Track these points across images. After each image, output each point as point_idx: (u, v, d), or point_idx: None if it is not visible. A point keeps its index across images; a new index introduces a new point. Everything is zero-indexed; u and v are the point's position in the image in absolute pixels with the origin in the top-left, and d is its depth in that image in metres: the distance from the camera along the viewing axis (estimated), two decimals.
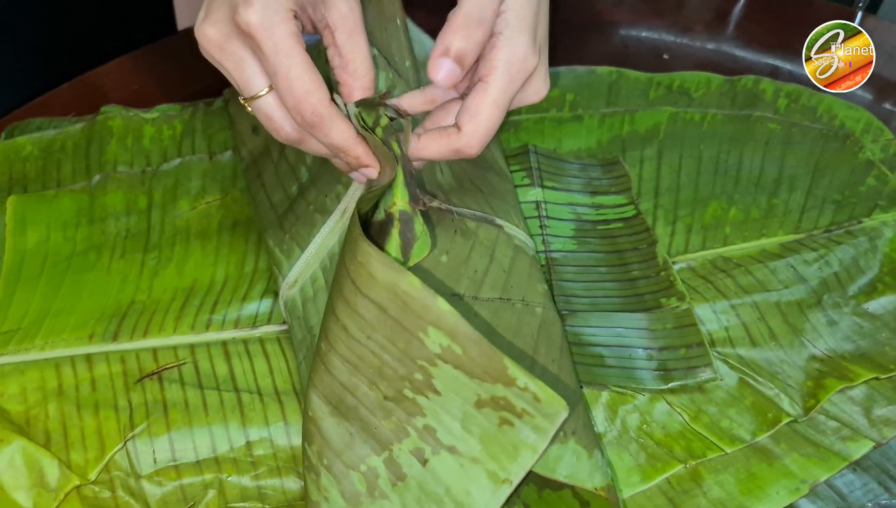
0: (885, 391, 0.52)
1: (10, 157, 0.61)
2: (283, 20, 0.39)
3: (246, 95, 0.42)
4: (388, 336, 0.38)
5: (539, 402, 0.37)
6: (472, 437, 0.39)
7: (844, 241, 0.59)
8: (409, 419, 0.40)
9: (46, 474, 0.45)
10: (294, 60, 0.39)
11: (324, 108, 0.41)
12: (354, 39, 0.42)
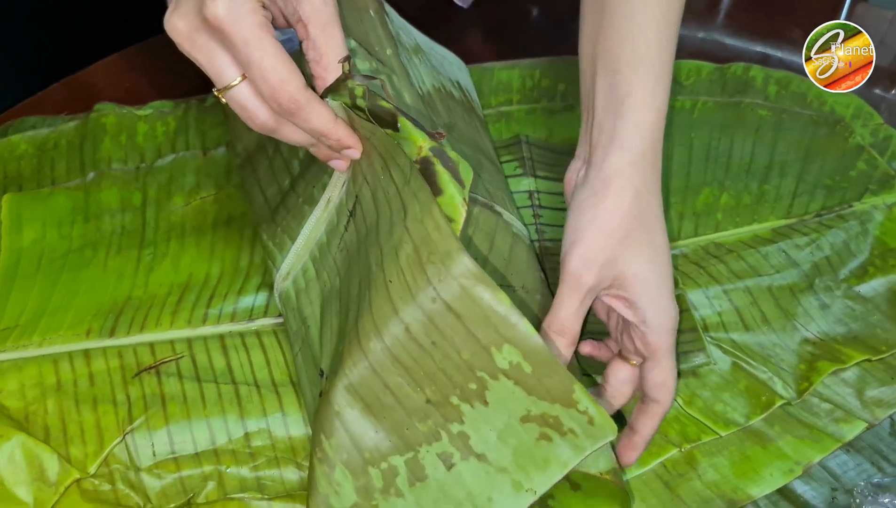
0: (877, 373, 0.52)
1: (5, 155, 0.61)
2: (251, 11, 0.39)
3: (219, 85, 0.41)
4: (456, 344, 0.38)
5: (592, 425, 0.38)
6: (505, 447, 0.40)
7: (835, 225, 0.59)
8: (446, 424, 0.40)
9: (46, 468, 0.45)
10: (265, 51, 0.39)
11: (300, 94, 0.40)
12: (328, 33, 0.42)
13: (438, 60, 0.60)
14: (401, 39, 0.55)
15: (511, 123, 0.66)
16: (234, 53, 0.40)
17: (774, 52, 0.74)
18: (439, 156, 0.41)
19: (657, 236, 0.45)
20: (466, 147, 0.54)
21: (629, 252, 0.44)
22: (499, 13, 0.76)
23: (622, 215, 0.44)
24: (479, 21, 0.76)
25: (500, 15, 0.76)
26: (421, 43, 0.58)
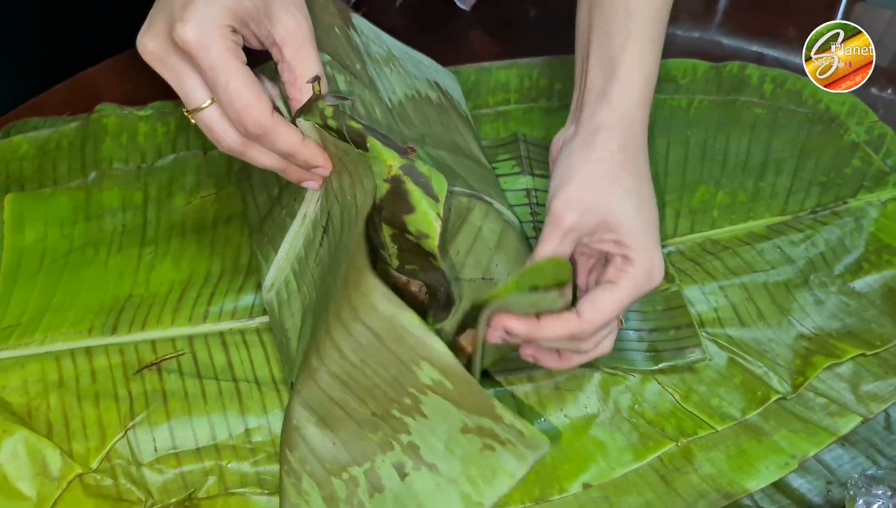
0: (871, 368, 0.53)
1: (7, 156, 0.62)
2: (220, 37, 0.39)
3: (188, 107, 0.42)
4: (382, 363, 0.39)
5: (523, 437, 0.39)
6: (453, 458, 0.41)
7: (830, 222, 0.60)
8: (395, 434, 0.41)
9: (49, 463, 0.46)
10: (232, 74, 0.39)
11: (265, 118, 0.41)
12: (303, 54, 0.43)
13: (414, 64, 0.60)
14: (370, 52, 0.55)
15: (509, 122, 0.66)
16: (202, 76, 0.40)
17: (770, 51, 0.74)
18: (409, 173, 0.41)
19: (643, 186, 0.46)
20: (444, 151, 0.55)
21: (615, 199, 0.44)
22: (498, 14, 0.77)
23: (608, 162, 0.45)
24: (479, 22, 0.76)
25: (500, 15, 0.77)
26: (394, 49, 0.58)
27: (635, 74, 0.47)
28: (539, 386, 0.51)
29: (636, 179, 0.45)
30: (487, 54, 0.71)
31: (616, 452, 0.48)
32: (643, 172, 0.46)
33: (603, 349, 0.46)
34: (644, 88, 0.47)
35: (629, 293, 0.43)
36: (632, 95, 0.46)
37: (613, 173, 0.45)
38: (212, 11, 0.39)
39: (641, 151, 0.47)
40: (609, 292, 0.43)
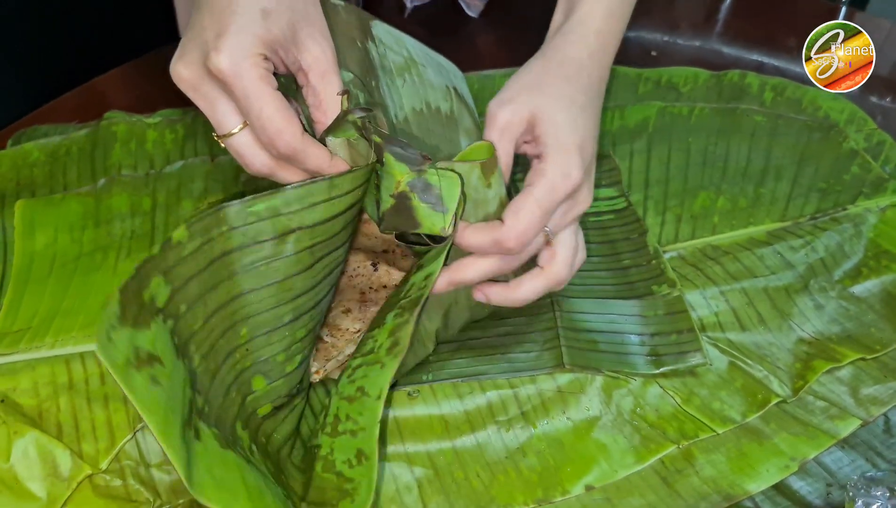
0: (871, 371, 0.53)
1: (18, 163, 0.63)
2: (253, 65, 0.41)
3: (220, 132, 0.43)
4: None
5: None
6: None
7: (830, 227, 0.61)
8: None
9: (59, 464, 0.46)
10: (264, 101, 0.41)
11: (297, 141, 0.42)
12: (327, 80, 0.44)
13: (435, 69, 0.61)
14: (384, 64, 0.55)
15: None
16: (235, 102, 0.42)
17: (770, 59, 0.75)
18: (417, 189, 0.42)
19: (580, 98, 0.46)
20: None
21: (543, 97, 0.45)
22: (506, 21, 0.78)
23: (544, 70, 0.47)
24: (488, 28, 0.77)
25: (508, 22, 0.78)
26: (415, 54, 0.59)
27: (597, 9, 0.49)
28: (542, 389, 0.51)
29: (573, 89, 0.46)
30: (495, 61, 0.72)
31: (618, 454, 0.49)
32: (587, 91, 0.47)
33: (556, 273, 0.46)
34: (602, 21, 0.49)
35: (545, 193, 0.44)
36: (585, 25, 0.48)
37: (548, 79, 0.46)
38: (244, 40, 0.40)
39: (588, 74, 0.48)
40: (525, 194, 0.44)
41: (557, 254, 0.46)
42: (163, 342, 0.40)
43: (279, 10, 0.42)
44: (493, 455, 0.49)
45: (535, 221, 0.43)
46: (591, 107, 0.47)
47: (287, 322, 0.46)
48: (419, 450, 0.49)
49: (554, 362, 0.52)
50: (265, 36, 0.41)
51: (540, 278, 0.47)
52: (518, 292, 0.47)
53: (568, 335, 0.53)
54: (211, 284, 0.42)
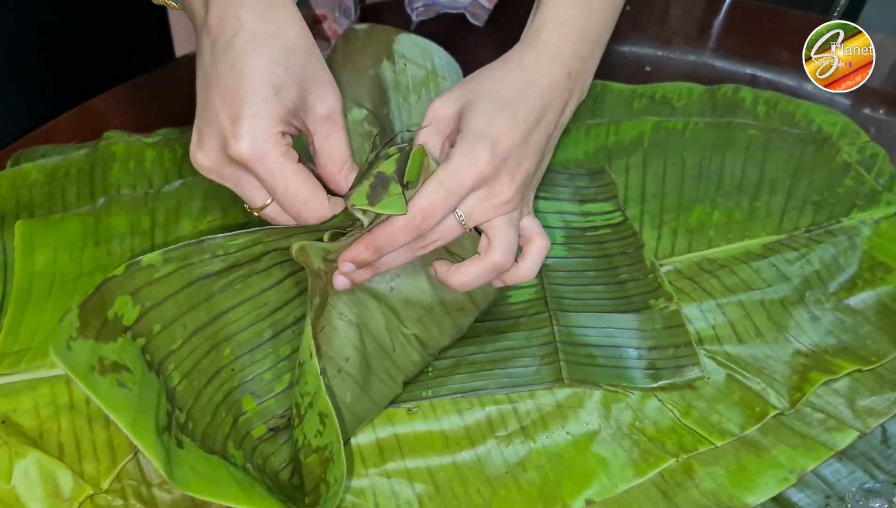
0: (867, 383, 0.53)
1: (17, 183, 0.63)
2: (273, 145, 0.41)
3: (251, 207, 0.45)
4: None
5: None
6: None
7: (824, 240, 0.61)
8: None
9: (60, 484, 0.46)
10: (289, 179, 0.42)
11: (324, 209, 0.44)
12: (332, 140, 0.45)
13: (454, 83, 0.60)
14: (399, 81, 0.56)
15: None
16: (260, 182, 0.43)
17: (763, 73, 0.76)
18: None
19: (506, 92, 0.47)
20: None
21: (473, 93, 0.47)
22: (511, 30, 0.78)
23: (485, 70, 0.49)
24: (493, 38, 0.77)
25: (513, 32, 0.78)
26: (439, 66, 0.59)
27: (549, 19, 0.50)
28: (541, 403, 0.52)
29: (501, 86, 0.47)
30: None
31: (618, 468, 0.49)
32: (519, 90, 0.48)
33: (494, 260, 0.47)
34: (550, 32, 0.50)
35: (447, 174, 0.44)
36: (534, 34, 0.50)
37: (482, 77, 0.48)
38: (261, 123, 0.41)
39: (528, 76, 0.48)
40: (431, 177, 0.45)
41: (492, 241, 0.47)
42: (131, 355, 0.40)
43: (289, 82, 0.42)
44: (493, 470, 0.49)
45: (438, 199, 0.44)
46: (520, 105, 0.47)
47: (268, 339, 0.47)
48: (419, 466, 0.49)
49: (553, 376, 0.52)
50: (280, 112, 0.42)
51: (476, 264, 0.48)
52: (456, 275, 0.48)
53: (566, 350, 0.53)
54: (189, 305, 0.43)
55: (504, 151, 0.45)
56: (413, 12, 0.76)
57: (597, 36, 0.52)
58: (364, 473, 0.48)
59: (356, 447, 0.49)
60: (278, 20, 0.43)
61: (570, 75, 0.50)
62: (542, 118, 0.48)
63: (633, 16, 0.81)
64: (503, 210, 0.47)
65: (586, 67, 0.52)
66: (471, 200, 0.46)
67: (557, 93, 0.49)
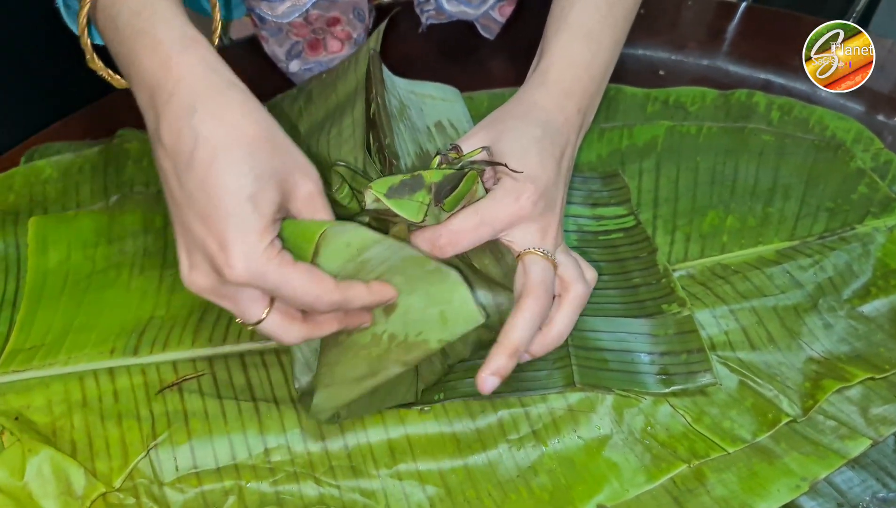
0: (880, 391, 0.53)
1: (31, 180, 0.63)
2: (268, 259, 0.40)
3: (248, 323, 0.43)
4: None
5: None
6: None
7: (838, 247, 0.61)
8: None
9: (73, 482, 0.46)
10: (293, 284, 0.40)
11: (335, 295, 0.41)
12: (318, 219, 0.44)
13: (417, 110, 0.59)
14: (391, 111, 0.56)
15: None
16: (263, 290, 0.41)
17: (776, 78, 0.75)
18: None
19: (532, 129, 0.49)
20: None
21: (500, 132, 0.48)
22: (521, 42, 0.78)
23: (503, 110, 0.51)
24: (502, 51, 0.77)
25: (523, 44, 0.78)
26: (404, 97, 0.58)
27: (558, 58, 0.52)
28: (553, 408, 0.51)
29: (525, 123, 0.49)
30: (511, 81, 0.72)
31: (629, 473, 0.49)
32: (544, 126, 0.49)
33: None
34: (561, 71, 0.51)
35: (487, 206, 0.46)
36: (545, 74, 0.51)
37: (504, 117, 0.50)
38: (250, 244, 0.39)
39: (546, 114, 0.50)
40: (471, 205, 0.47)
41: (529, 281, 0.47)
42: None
43: (263, 187, 0.40)
44: (504, 474, 0.49)
45: (470, 225, 0.45)
46: (547, 140, 0.49)
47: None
48: (431, 468, 0.49)
49: (565, 381, 0.52)
50: (264, 225, 0.40)
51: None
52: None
53: (579, 354, 0.53)
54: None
55: (542, 188, 0.47)
56: (423, 14, 0.76)
57: (603, 72, 0.53)
58: (375, 474, 0.48)
59: (367, 445, 0.49)
60: (232, 116, 0.41)
61: (580, 111, 0.52)
62: (564, 153, 0.50)
63: (646, 20, 0.81)
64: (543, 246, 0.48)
65: (593, 102, 0.54)
66: (514, 235, 0.47)
67: (572, 129, 0.51)
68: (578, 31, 0.52)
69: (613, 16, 0.54)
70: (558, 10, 0.54)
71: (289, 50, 0.71)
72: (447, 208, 0.45)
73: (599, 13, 0.53)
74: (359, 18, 0.71)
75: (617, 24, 0.54)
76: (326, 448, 0.49)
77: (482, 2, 0.73)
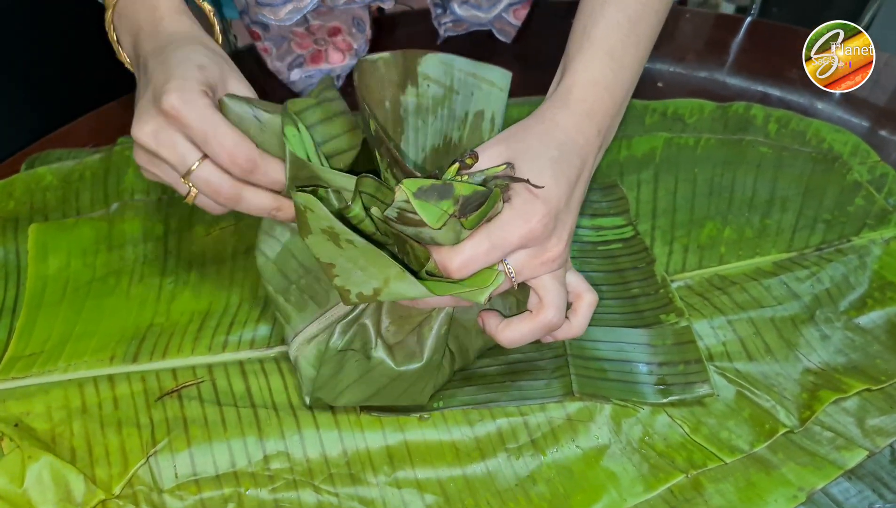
0: (877, 402, 0.54)
1: (31, 187, 0.63)
2: (200, 95, 0.46)
3: (182, 170, 0.47)
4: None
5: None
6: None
7: (835, 259, 0.61)
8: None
9: (73, 489, 0.46)
10: (217, 124, 0.45)
11: (255, 153, 0.46)
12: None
13: (466, 95, 0.58)
14: (421, 104, 0.54)
15: None
16: (192, 135, 0.46)
17: (774, 91, 0.76)
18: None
19: (549, 150, 0.48)
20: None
21: (517, 150, 0.48)
22: (538, 47, 0.79)
23: (521, 127, 0.50)
24: (518, 57, 0.78)
25: (540, 49, 0.78)
26: (456, 81, 0.57)
27: (580, 77, 0.51)
28: (551, 417, 0.52)
29: (542, 143, 0.49)
30: (527, 86, 0.72)
31: (627, 483, 0.49)
32: (561, 146, 0.49)
33: (543, 318, 0.48)
34: (582, 90, 0.51)
35: (497, 228, 0.46)
36: (566, 93, 0.51)
37: (522, 134, 0.49)
38: (188, 81, 0.46)
39: (565, 133, 0.50)
40: (481, 228, 0.46)
41: (543, 299, 0.48)
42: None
43: (211, 65, 0.48)
44: (503, 483, 0.49)
45: (480, 250, 0.45)
46: (564, 162, 0.48)
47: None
48: (429, 476, 0.49)
49: (563, 390, 0.52)
50: (204, 80, 0.47)
51: (528, 321, 0.48)
52: (506, 331, 0.49)
53: (577, 364, 0.54)
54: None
55: (553, 210, 0.47)
56: (441, 27, 0.76)
57: (624, 92, 0.53)
58: (374, 482, 0.48)
59: (366, 452, 0.50)
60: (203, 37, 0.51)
61: (600, 133, 0.51)
62: (580, 176, 0.49)
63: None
64: (551, 267, 0.48)
65: (613, 123, 0.53)
66: (521, 256, 0.47)
67: (591, 151, 0.50)
68: (600, 49, 0.52)
69: (636, 34, 0.53)
70: (580, 26, 0.53)
71: (290, 63, 0.71)
72: (467, 226, 0.45)
73: (622, 31, 0.53)
74: (359, 29, 0.72)
75: (640, 43, 0.54)
76: (325, 455, 0.49)
77: (493, 5, 0.73)
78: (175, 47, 0.49)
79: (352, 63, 0.73)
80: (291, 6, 0.65)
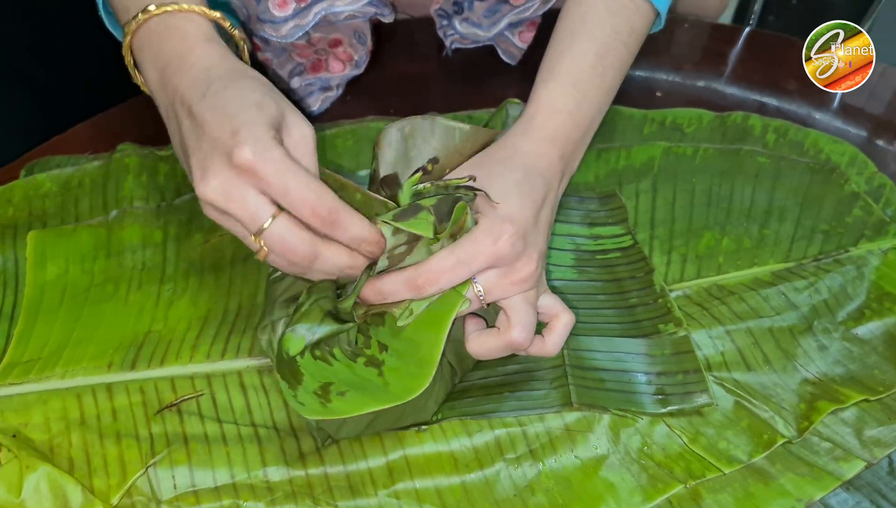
0: (875, 413, 0.54)
1: (30, 193, 0.63)
2: (274, 146, 0.43)
3: (255, 228, 0.44)
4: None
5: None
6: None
7: (833, 269, 0.61)
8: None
9: (70, 499, 0.46)
10: (298, 173, 0.43)
11: (338, 203, 0.44)
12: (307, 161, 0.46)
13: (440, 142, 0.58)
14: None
15: None
16: (268, 189, 0.43)
17: (771, 100, 0.76)
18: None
19: (513, 174, 0.50)
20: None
21: (482, 175, 0.49)
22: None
23: (485, 153, 0.52)
24: (522, 78, 0.77)
25: None
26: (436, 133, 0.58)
27: (542, 105, 0.53)
28: (550, 427, 0.52)
29: (505, 167, 0.50)
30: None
31: (626, 493, 0.49)
32: (525, 170, 0.51)
33: (511, 337, 0.48)
34: (544, 118, 0.53)
35: (464, 246, 0.46)
36: (528, 120, 0.53)
37: (486, 160, 0.51)
38: (258, 129, 0.43)
39: (528, 158, 0.51)
40: (449, 246, 0.47)
41: (511, 319, 0.49)
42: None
43: (267, 101, 0.45)
44: (501, 493, 0.49)
45: (447, 265, 0.46)
46: (527, 184, 0.50)
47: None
48: (428, 486, 0.49)
49: (562, 400, 0.52)
50: (269, 121, 0.44)
51: (494, 338, 0.49)
52: (475, 341, 0.50)
53: (576, 374, 0.54)
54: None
55: (521, 230, 0.47)
56: (447, 39, 0.76)
57: (588, 121, 0.55)
58: (374, 494, 0.48)
59: (367, 470, 0.49)
60: (243, 68, 0.48)
61: (563, 158, 0.53)
62: (546, 198, 0.51)
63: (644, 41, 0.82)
64: (522, 288, 0.48)
65: (578, 150, 0.55)
66: (491, 276, 0.47)
67: (554, 174, 0.52)
68: (565, 79, 0.54)
69: (603, 66, 0.55)
70: (548, 60, 0.55)
71: (290, 71, 0.71)
72: (441, 236, 0.46)
73: (587, 62, 0.54)
74: (360, 41, 0.72)
75: (606, 74, 0.55)
76: (325, 471, 0.49)
77: (492, 25, 0.73)
78: (222, 85, 0.45)
79: (351, 73, 0.73)
80: (293, 23, 0.65)
